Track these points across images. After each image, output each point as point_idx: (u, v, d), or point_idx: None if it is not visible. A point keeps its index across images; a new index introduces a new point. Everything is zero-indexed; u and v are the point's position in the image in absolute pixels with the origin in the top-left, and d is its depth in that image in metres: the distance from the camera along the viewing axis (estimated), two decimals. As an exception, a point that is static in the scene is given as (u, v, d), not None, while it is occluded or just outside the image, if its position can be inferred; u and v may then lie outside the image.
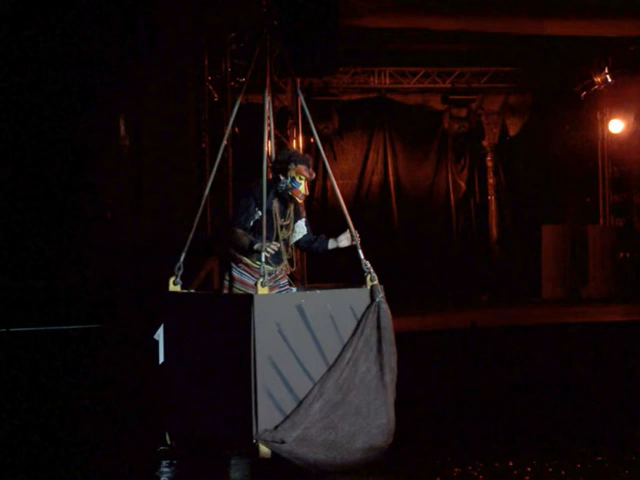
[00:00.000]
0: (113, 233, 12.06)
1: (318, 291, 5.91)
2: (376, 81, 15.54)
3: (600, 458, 5.62)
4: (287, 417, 5.49)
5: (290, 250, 6.31)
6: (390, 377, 5.78)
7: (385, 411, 5.72)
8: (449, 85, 15.70)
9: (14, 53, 11.58)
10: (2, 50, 11.48)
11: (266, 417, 5.45)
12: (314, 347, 5.66)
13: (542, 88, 16.03)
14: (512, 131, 16.27)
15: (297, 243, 6.40)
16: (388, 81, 15.58)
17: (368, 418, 5.65)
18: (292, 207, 6.26)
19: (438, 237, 16.03)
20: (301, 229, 6.37)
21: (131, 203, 12.36)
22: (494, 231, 16.28)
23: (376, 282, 5.94)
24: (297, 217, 6.33)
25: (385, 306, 5.83)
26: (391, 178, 15.84)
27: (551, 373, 8.93)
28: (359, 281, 5.98)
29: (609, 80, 15.30)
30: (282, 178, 6.16)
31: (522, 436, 6.33)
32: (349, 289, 6.00)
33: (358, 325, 5.77)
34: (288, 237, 6.28)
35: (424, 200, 16.04)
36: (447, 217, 16.19)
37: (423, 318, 12.70)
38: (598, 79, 15.46)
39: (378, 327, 5.76)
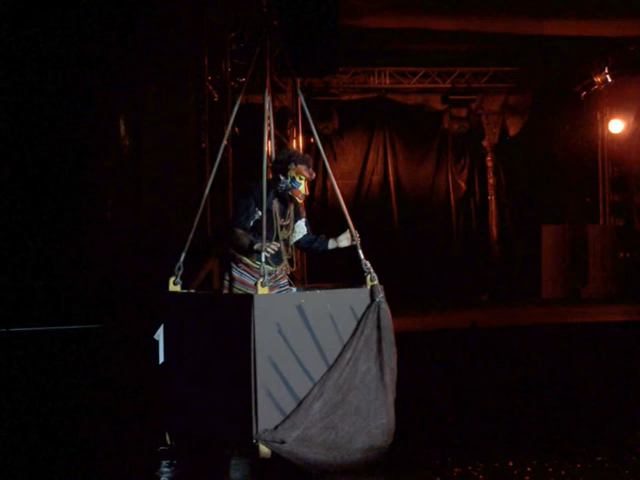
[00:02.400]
0: (113, 233, 12.06)
1: (318, 291, 5.91)
2: (376, 81, 15.54)
3: (600, 458, 5.62)
4: (287, 417, 5.49)
5: (290, 250, 6.31)
6: (390, 377, 5.78)
7: (385, 411, 5.72)
8: (449, 85, 15.71)
9: (14, 53, 11.58)
10: (2, 50, 11.49)
11: (266, 417, 5.44)
12: (314, 347, 5.65)
13: (542, 88, 16.03)
14: (512, 131, 16.28)
15: (297, 243, 6.40)
16: (388, 81, 15.58)
17: (368, 418, 5.65)
18: (292, 207, 6.26)
19: (438, 237, 16.02)
20: (301, 229, 6.37)
21: (131, 203, 12.36)
22: (494, 231, 16.28)
23: (376, 282, 5.94)
24: (297, 217, 6.33)
25: (385, 306, 5.82)
26: (391, 178, 15.85)
27: (551, 373, 8.93)
28: (359, 281, 5.97)
29: (609, 80, 15.31)
30: (282, 178, 6.16)
31: (522, 436, 6.33)
32: (349, 289, 5.99)
33: (358, 325, 5.76)
34: (288, 237, 6.28)
35: (424, 200, 16.04)
36: (447, 217, 16.19)
37: (423, 318, 12.70)
38: (598, 79, 15.47)
39: (378, 327, 5.76)
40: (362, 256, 6.07)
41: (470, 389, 8.21)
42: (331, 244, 6.37)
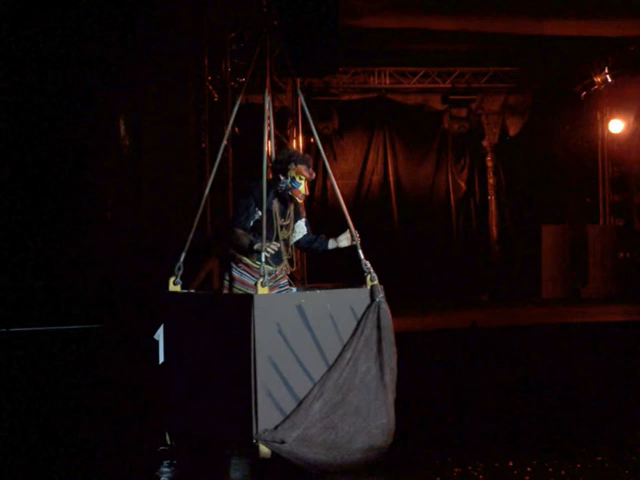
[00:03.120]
0: (113, 233, 12.07)
1: (318, 291, 5.90)
2: (376, 81, 15.54)
3: (600, 458, 5.62)
4: (287, 417, 5.47)
5: (290, 250, 6.31)
6: (390, 377, 5.78)
7: (385, 411, 5.72)
8: (449, 85, 15.70)
9: (14, 53, 11.59)
10: (2, 50, 11.49)
11: (266, 417, 5.43)
12: (314, 347, 5.64)
13: (542, 88, 16.03)
14: (512, 131, 16.27)
15: (297, 243, 6.40)
16: (388, 81, 15.58)
17: (368, 418, 5.64)
18: (292, 207, 6.26)
19: (438, 237, 16.02)
20: (301, 229, 6.38)
21: (131, 203, 12.36)
22: (494, 231, 16.27)
23: (376, 282, 5.94)
24: (297, 217, 6.33)
25: (385, 306, 5.81)
26: (391, 178, 15.84)
27: (551, 373, 8.93)
28: (359, 281, 5.97)
29: (609, 80, 15.31)
30: (282, 178, 6.16)
31: (522, 436, 6.33)
32: (349, 289, 5.99)
33: (358, 325, 5.76)
34: (288, 237, 6.29)
35: (424, 200, 16.03)
36: (447, 217, 16.18)
37: (423, 318, 12.70)
38: (598, 79, 15.47)
39: (378, 327, 5.75)
40: (362, 256, 6.07)
41: (470, 389, 8.21)
42: (331, 244, 6.38)
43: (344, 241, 6.29)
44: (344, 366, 5.61)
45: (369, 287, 5.91)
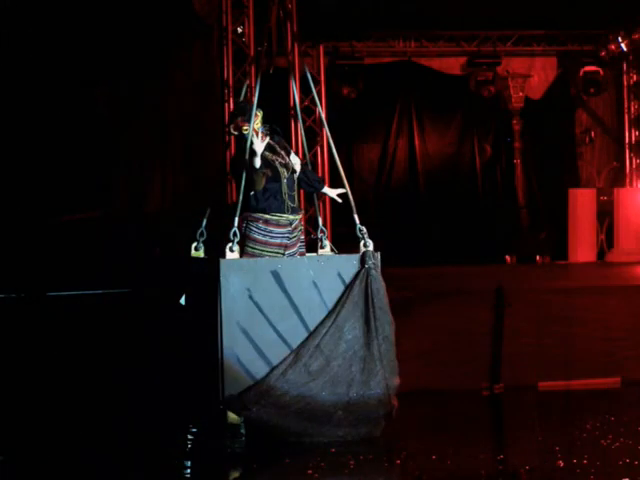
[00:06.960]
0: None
1: (299, 257, 5.83)
2: (401, 45, 15.45)
3: None
4: (256, 384, 5.39)
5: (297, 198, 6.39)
6: (385, 347, 5.68)
7: (377, 382, 5.61)
8: (475, 49, 15.56)
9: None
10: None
11: (233, 383, 5.38)
12: (292, 313, 5.53)
13: (567, 51, 15.84)
14: (538, 94, 16.08)
15: (300, 182, 6.49)
16: (413, 45, 15.48)
17: (350, 388, 5.50)
18: (278, 145, 6.36)
19: (464, 200, 15.91)
20: (296, 160, 6.45)
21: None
22: (520, 195, 16.15)
23: (370, 248, 5.92)
24: (287, 152, 6.42)
25: (375, 272, 5.74)
26: (417, 141, 15.78)
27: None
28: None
29: (635, 43, 15.07)
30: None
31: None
32: (337, 255, 5.97)
33: (344, 291, 5.69)
34: (292, 177, 6.36)
35: (450, 164, 15.95)
36: (473, 181, 16.08)
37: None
38: (624, 43, 15.26)
39: (367, 294, 5.66)
40: (357, 221, 6.11)
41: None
42: (325, 189, 6.53)
43: (332, 193, 6.42)
44: (326, 334, 5.49)
45: (361, 253, 5.89)
